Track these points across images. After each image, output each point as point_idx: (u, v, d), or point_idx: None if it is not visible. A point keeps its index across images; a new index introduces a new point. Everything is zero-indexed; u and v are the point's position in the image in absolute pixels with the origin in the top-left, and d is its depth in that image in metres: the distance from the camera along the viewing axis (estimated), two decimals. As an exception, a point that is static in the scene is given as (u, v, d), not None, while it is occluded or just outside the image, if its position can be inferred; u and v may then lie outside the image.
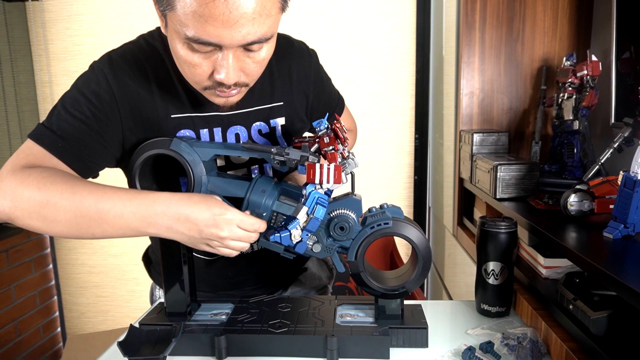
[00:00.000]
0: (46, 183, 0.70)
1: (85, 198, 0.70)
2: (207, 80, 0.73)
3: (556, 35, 1.47)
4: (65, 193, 0.70)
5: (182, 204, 0.71)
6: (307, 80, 0.97)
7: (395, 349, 0.81)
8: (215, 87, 0.74)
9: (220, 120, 0.87)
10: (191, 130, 0.85)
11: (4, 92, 2.22)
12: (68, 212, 0.69)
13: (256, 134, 0.91)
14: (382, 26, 2.17)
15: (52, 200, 0.69)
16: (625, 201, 0.79)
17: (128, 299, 2.53)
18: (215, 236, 0.72)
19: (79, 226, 0.70)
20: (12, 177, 0.71)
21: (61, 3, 2.28)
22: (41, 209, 0.70)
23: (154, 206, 0.71)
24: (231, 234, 0.73)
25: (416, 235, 0.81)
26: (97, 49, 2.30)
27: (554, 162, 1.28)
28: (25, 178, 0.71)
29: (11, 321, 2.29)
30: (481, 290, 0.93)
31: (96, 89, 0.79)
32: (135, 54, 0.82)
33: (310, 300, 0.94)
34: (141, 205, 0.70)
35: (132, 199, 0.71)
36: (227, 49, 0.69)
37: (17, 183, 0.70)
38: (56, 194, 0.69)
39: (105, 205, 0.70)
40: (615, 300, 0.72)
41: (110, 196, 0.70)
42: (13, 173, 0.72)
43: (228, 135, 0.88)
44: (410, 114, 2.23)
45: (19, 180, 0.71)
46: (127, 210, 0.70)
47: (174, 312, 0.87)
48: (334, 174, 0.74)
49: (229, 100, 0.78)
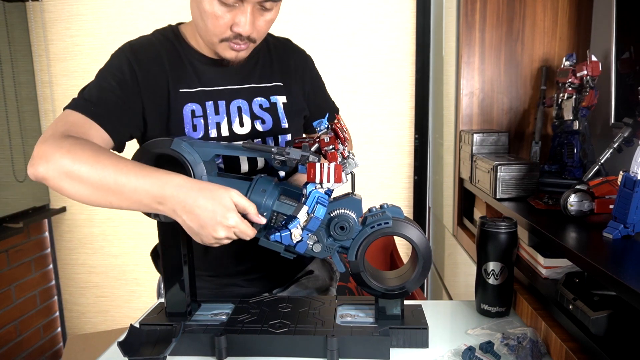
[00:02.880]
0: (77, 150, 0.76)
1: (106, 168, 0.75)
2: (228, 31, 0.86)
3: (556, 35, 1.47)
4: (90, 160, 0.76)
5: (192, 194, 0.74)
6: (303, 74, 1.07)
7: (396, 349, 0.81)
8: (231, 39, 0.87)
9: (224, 95, 0.97)
10: (197, 103, 0.94)
11: (4, 92, 2.22)
12: (90, 178, 0.75)
13: (257, 107, 0.99)
14: (382, 26, 2.17)
15: (78, 165, 0.75)
16: (625, 201, 0.79)
17: (128, 299, 2.53)
18: (211, 235, 0.75)
19: (99, 193, 0.76)
20: (50, 142, 0.78)
21: (61, 3, 2.28)
22: (68, 173, 0.76)
23: (165, 188, 0.74)
24: (227, 236, 0.76)
25: (416, 235, 0.81)
26: (97, 49, 2.30)
27: (553, 162, 1.28)
28: (60, 143, 0.77)
29: (11, 321, 2.29)
30: (481, 290, 0.93)
31: (119, 65, 0.91)
32: (150, 40, 0.95)
33: (310, 300, 0.94)
34: (154, 184, 0.75)
35: (147, 177, 0.75)
36: (248, 4, 0.83)
37: (53, 148, 0.77)
38: (82, 160, 0.76)
39: (123, 179, 0.75)
40: (615, 300, 0.72)
41: (129, 170, 0.76)
42: (52, 138, 0.78)
43: (231, 107, 0.97)
44: (410, 114, 2.23)
45: (55, 145, 0.77)
46: (141, 186, 0.75)
47: (174, 312, 0.87)
48: (334, 174, 0.74)
49: (239, 54, 0.91)
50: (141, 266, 2.47)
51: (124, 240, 2.46)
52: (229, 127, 0.96)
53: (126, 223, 2.43)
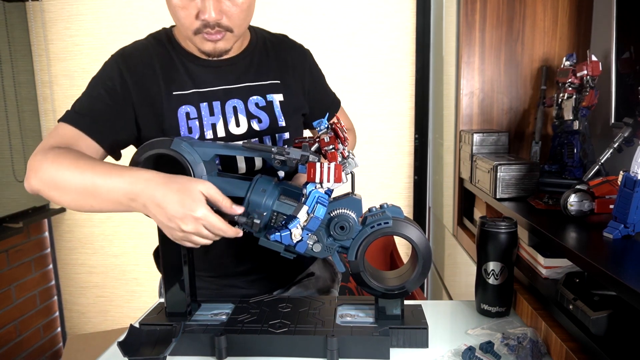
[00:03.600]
0: (59, 158, 0.80)
1: (85, 172, 0.78)
2: (195, 21, 0.85)
3: (556, 35, 1.47)
4: (71, 167, 0.79)
5: (160, 188, 0.74)
6: (302, 69, 1.06)
7: (396, 349, 0.81)
8: (202, 30, 0.86)
9: (219, 95, 0.96)
10: (191, 105, 0.94)
11: (4, 92, 2.22)
12: (72, 184, 0.78)
13: (253, 106, 0.98)
14: (382, 26, 2.17)
15: (61, 173, 0.79)
16: (625, 201, 0.79)
17: (128, 299, 2.53)
18: (179, 228, 0.74)
19: (80, 198, 0.79)
20: (39, 155, 0.82)
21: (61, 3, 2.28)
22: (54, 181, 0.79)
23: (136, 184, 0.75)
24: (195, 230, 0.74)
25: (416, 234, 0.81)
26: (97, 49, 2.30)
27: (554, 162, 1.28)
28: (47, 155, 0.82)
29: (11, 321, 2.29)
30: (481, 290, 0.93)
31: (109, 73, 0.92)
32: (143, 45, 0.96)
33: (310, 300, 0.94)
34: (126, 182, 0.76)
35: (121, 175, 0.77)
36: None
37: (41, 160, 0.81)
38: (64, 168, 0.79)
39: (100, 181, 0.77)
40: (615, 300, 0.72)
41: (105, 172, 0.78)
42: (42, 152, 0.83)
43: (226, 108, 0.96)
44: (410, 114, 2.23)
45: (43, 157, 0.82)
46: (115, 185, 0.76)
47: (174, 312, 0.87)
48: (334, 173, 0.74)
49: (216, 46, 0.89)
50: (141, 266, 2.47)
51: (124, 240, 2.46)
52: (225, 127, 0.95)
53: (126, 223, 2.43)
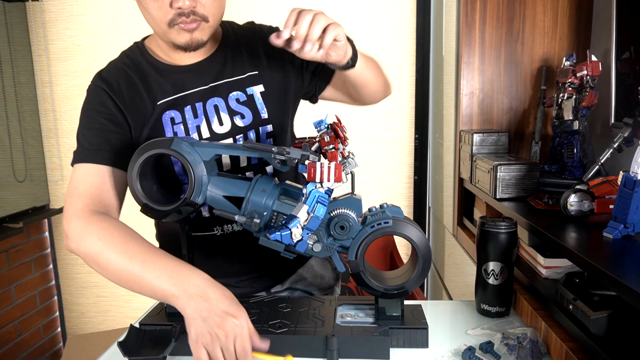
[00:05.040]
0: (106, 235, 0.81)
1: (134, 262, 0.78)
2: (169, 10, 0.84)
3: (556, 36, 1.47)
4: (118, 248, 0.79)
5: (213, 288, 0.75)
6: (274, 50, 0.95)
7: (396, 349, 0.81)
8: (177, 20, 0.84)
9: (199, 95, 0.95)
10: (176, 110, 0.94)
11: (4, 92, 2.22)
12: (116, 266, 0.79)
13: (234, 102, 0.97)
14: (382, 26, 2.17)
15: (106, 253, 0.79)
16: (625, 201, 0.79)
17: (128, 299, 2.52)
18: (213, 324, 0.72)
19: (122, 280, 0.79)
20: (77, 222, 0.83)
21: (61, 3, 2.28)
22: (97, 258, 0.80)
23: (190, 280, 0.75)
24: (226, 335, 0.71)
25: (416, 234, 0.81)
26: (97, 49, 2.30)
27: (553, 162, 1.28)
28: (88, 226, 0.82)
29: (11, 321, 2.29)
30: (481, 290, 0.93)
31: (100, 100, 0.92)
32: (118, 66, 0.96)
33: (310, 300, 0.94)
34: (175, 285, 0.75)
35: (170, 278, 0.75)
36: None
37: (81, 230, 0.82)
38: (111, 248, 0.79)
39: (147, 274, 0.77)
40: (615, 300, 0.72)
41: (155, 265, 0.77)
42: (77, 217, 0.83)
43: (208, 107, 0.95)
44: (410, 114, 2.23)
45: (83, 227, 0.82)
46: (163, 287, 0.75)
47: (174, 312, 0.87)
48: (334, 173, 0.75)
49: (193, 36, 0.87)
50: (141, 266, 2.47)
51: (124, 240, 2.45)
52: (209, 127, 0.95)
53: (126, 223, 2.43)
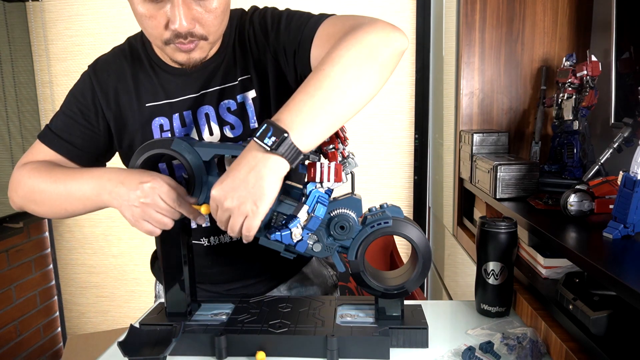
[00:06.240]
0: (34, 172, 0.87)
1: (58, 182, 0.84)
2: (165, 31, 0.78)
3: (556, 36, 1.47)
4: (44, 178, 0.86)
5: (123, 172, 0.80)
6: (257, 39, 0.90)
7: (396, 349, 0.81)
8: (173, 40, 0.79)
9: (190, 104, 0.92)
10: (164, 117, 0.92)
11: (4, 92, 2.22)
12: (46, 194, 0.85)
13: (225, 112, 0.92)
14: (382, 26, 2.17)
15: (37, 185, 0.86)
16: (625, 201, 0.79)
17: (128, 299, 2.53)
18: (138, 201, 0.77)
19: (55, 205, 0.86)
20: (16, 172, 0.90)
21: (61, 3, 2.28)
22: (32, 194, 0.87)
23: (104, 176, 0.81)
24: (152, 200, 0.76)
25: (416, 234, 0.81)
26: (98, 49, 2.29)
27: (553, 162, 1.28)
28: (23, 171, 0.89)
29: (11, 321, 2.29)
30: (481, 290, 0.93)
31: (82, 88, 0.94)
32: (117, 55, 0.95)
33: (310, 300, 0.94)
34: (94, 177, 0.82)
35: (89, 181, 0.82)
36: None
37: (18, 176, 0.89)
38: (39, 180, 0.86)
39: (72, 189, 0.83)
40: (615, 300, 0.72)
41: (75, 180, 0.84)
42: (18, 168, 0.91)
43: (198, 116, 0.92)
44: (410, 114, 2.23)
45: (19, 173, 0.89)
46: (86, 191, 0.82)
47: (174, 312, 0.87)
48: (334, 173, 0.75)
49: (190, 56, 0.82)
50: (141, 266, 2.47)
51: (124, 240, 2.46)
52: (199, 136, 0.92)
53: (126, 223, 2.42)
